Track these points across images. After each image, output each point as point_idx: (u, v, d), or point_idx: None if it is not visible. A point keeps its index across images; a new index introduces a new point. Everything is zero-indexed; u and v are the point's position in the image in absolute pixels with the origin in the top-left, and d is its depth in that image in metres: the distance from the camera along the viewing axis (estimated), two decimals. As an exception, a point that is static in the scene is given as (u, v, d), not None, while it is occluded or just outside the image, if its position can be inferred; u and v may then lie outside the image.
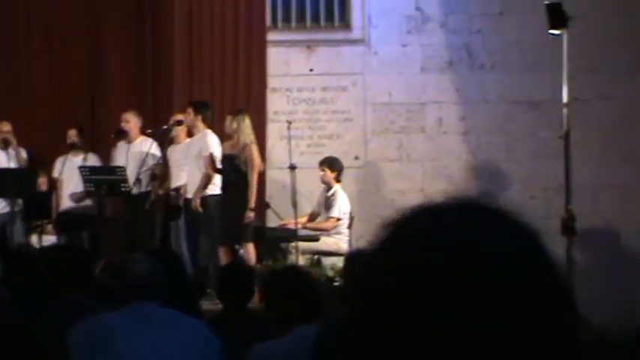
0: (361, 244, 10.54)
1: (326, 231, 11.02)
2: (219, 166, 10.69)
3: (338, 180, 11.13)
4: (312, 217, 11.24)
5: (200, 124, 11.03)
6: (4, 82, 12.57)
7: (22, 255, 6.45)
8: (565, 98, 9.63)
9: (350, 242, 11.06)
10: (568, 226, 8.73)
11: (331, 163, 11.15)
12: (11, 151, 11.41)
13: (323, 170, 11.08)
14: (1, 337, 3.74)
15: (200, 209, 10.77)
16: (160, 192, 11.45)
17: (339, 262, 9.58)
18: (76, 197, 11.40)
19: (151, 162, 11.30)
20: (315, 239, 10.92)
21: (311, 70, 12.35)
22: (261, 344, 4.36)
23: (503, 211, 1.13)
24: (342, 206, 11.07)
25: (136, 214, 11.24)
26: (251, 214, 10.50)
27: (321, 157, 11.42)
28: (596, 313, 8.92)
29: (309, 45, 12.34)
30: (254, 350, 4.32)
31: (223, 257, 10.26)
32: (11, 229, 11.03)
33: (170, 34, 12.43)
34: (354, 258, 5.52)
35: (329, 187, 11.11)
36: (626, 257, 10.51)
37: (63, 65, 12.60)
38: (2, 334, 3.76)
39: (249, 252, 10.37)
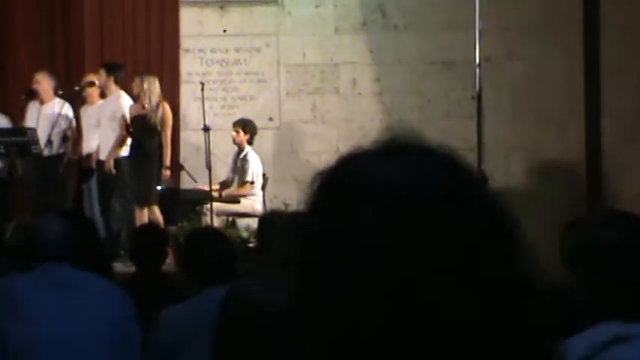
0: (275, 205, 10.56)
1: (242, 196, 11.01)
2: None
3: (250, 142, 11.10)
4: (226, 184, 11.22)
5: (112, 86, 10.94)
6: None
7: None
8: (477, 58, 9.71)
9: (264, 203, 11.07)
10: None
11: (245, 125, 11.12)
12: None
13: (237, 131, 11.04)
14: None
15: (113, 171, 10.69)
16: (73, 156, 11.33)
17: (253, 223, 9.58)
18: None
19: (62, 123, 11.16)
20: (231, 201, 10.92)
21: (224, 30, 12.27)
22: (172, 306, 4.36)
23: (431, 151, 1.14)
24: (255, 168, 11.06)
25: (47, 177, 11.10)
26: (167, 172, 10.47)
27: (235, 119, 11.39)
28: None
29: (222, 5, 12.25)
30: (165, 313, 4.31)
31: (139, 219, 10.19)
32: None
33: (81, -6, 12.26)
34: (268, 219, 5.53)
35: (240, 150, 11.09)
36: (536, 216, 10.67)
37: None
38: None
39: (156, 214, 10.34)
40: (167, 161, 10.49)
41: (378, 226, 1.04)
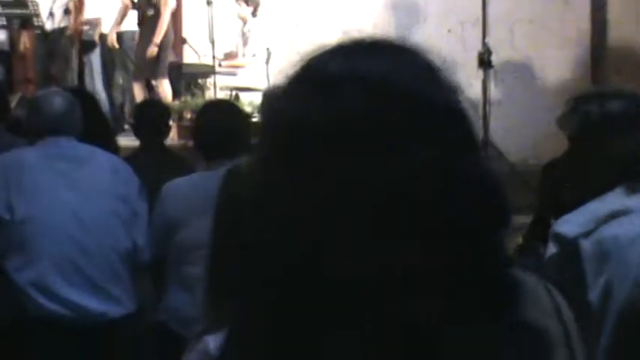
0: (279, 79, 10.50)
1: (242, 67, 10.96)
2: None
3: (254, 15, 11.00)
4: (230, 56, 11.15)
5: (114, -43, 10.81)
6: None
7: None
8: None
9: (267, 78, 11.03)
10: (484, 60, 8.77)
11: (246, -1, 11.00)
12: None
13: (239, 5, 10.93)
14: None
15: (116, 45, 10.63)
16: (75, 27, 11.26)
17: (257, 97, 9.57)
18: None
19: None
20: (233, 74, 10.88)
21: None
22: (176, 180, 4.37)
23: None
24: (259, 42, 10.98)
25: (50, 50, 11.06)
26: (154, 49, 10.23)
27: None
28: (511, 145, 9.10)
29: None
30: (168, 186, 4.33)
31: (138, 93, 10.16)
32: None
33: None
34: (271, 94, 5.50)
35: (244, 23, 11.00)
36: (540, 91, 10.63)
37: None
38: None
39: (164, 88, 10.29)
40: (157, 39, 10.22)
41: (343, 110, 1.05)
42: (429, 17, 11.21)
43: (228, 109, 4.74)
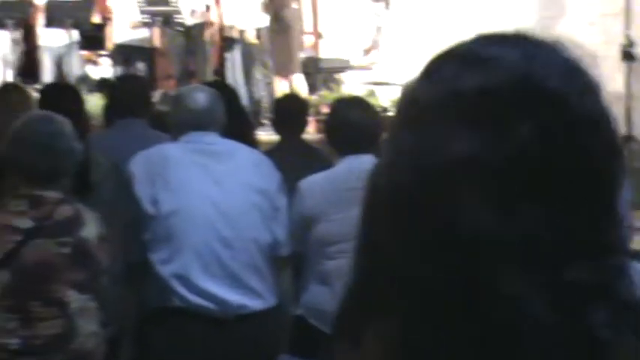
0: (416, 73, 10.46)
1: (379, 62, 10.97)
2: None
3: (388, 9, 10.99)
4: (366, 51, 11.17)
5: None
6: None
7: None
8: None
9: (404, 72, 11.00)
10: (627, 52, 8.59)
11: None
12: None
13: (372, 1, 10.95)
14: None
15: (255, 40, 10.75)
16: (216, 23, 11.43)
17: (393, 92, 9.56)
18: (134, 25, 11.33)
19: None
20: (369, 69, 10.90)
21: None
22: (314, 175, 4.40)
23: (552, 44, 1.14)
24: (395, 36, 10.97)
25: (191, 46, 11.25)
26: (305, 40, 10.41)
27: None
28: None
29: None
30: (306, 181, 4.36)
31: (278, 88, 10.26)
32: (68, 60, 11.11)
33: None
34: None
35: (380, 18, 11.01)
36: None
37: None
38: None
39: (299, 82, 10.36)
40: (298, 33, 10.37)
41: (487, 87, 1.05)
42: (570, 10, 11.02)
43: (358, 104, 4.74)
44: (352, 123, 4.35)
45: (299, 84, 10.26)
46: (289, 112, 5.95)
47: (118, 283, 3.93)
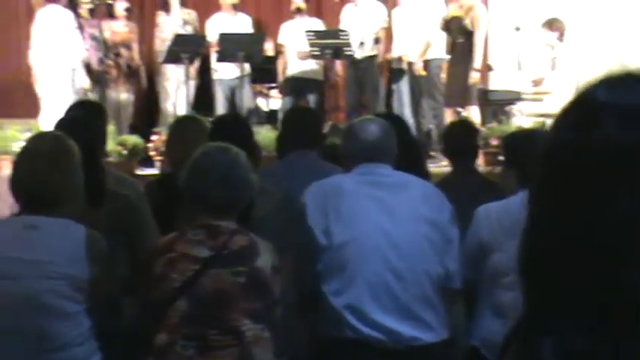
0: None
1: (548, 94, 10.81)
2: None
3: (561, 40, 10.82)
4: (537, 83, 11.02)
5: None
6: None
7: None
8: None
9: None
10: None
11: (550, 25, 10.82)
12: (240, 15, 11.69)
13: (545, 30, 10.78)
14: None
15: (423, 72, 10.74)
16: (385, 55, 11.49)
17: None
18: (302, 55, 11.47)
19: (375, 25, 11.31)
20: (540, 101, 10.74)
21: None
22: (489, 204, 4.35)
23: None
24: (567, 68, 10.79)
25: (360, 78, 11.33)
26: (477, 75, 10.36)
27: (546, 17, 11.12)
28: None
29: None
30: (481, 209, 4.33)
31: (449, 120, 10.20)
32: (240, 93, 11.33)
33: None
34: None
35: (552, 49, 10.84)
36: None
37: None
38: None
39: (474, 114, 10.26)
40: (478, 64, 10.32)
41: (621, 136, 1.08)
42: None
43: (536, 136, 4.66)
44: (526, 155, 4.28)
45: (473, 116, 10.15)
46: (461, 139, 5.90)
47: (291, 313, 3.96)
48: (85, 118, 4.78)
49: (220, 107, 11.64)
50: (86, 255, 3.63)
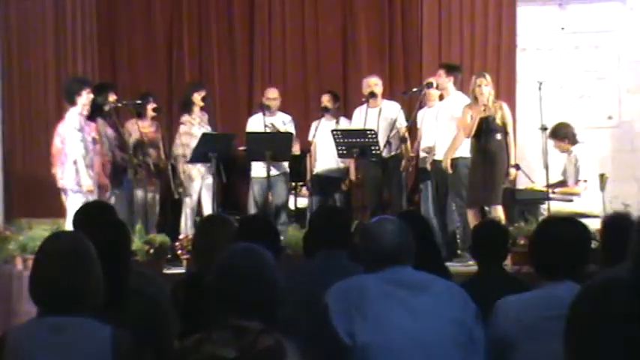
0: (615, 206, 10.28)
1: (577, 195, 10.81)
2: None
3: (573, 143, 10.87)
4: (562, 183, 11.04)
5: (451, 87, 11.02)
6: (262, 50, 13.04)
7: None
8: None
9: (603, 204, 10.81)
10: None
11: (555, 134, 10.87)
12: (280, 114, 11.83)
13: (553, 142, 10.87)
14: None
15: (450, 171, 10.75)
16: (411, 154, 11.54)
17: (591, 224, 9.38)
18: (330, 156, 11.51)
19: (400, 125, 11.38)
20: (568, 200, 10.74)
21: (562, 28, 12.10)
22: (510, 296, 4.34)
23: None
24: (591, 167, 10.81)
25: (386, 177, 11.37)
26: (513, 172, 10.37)
27: (572, 117, 11.19)
28: None
29: (561, 3, 12.08)
30: (502, 302, 4.31)
31: (472, 220, 10.18)
32: (275, 190, 11.43)
33: (418, -1, 12.54)
34: (613, 221, 5.32)
35: (568, 151, 10.91)
36: None
37: (315, 35, 12.92)
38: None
39: (499, 214, 10.24)
40: (513, 161, 10.36)
41: None
42: None
43: (571, 223, 4.59)
44: (562, 242, 4.26)
45: (498, 215, 10.13)
46: (489, 240, 5.90)
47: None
48: (102, 215, 4.83)
49: (252, 206, 11.70)
50: (112, 355, 3.64)
